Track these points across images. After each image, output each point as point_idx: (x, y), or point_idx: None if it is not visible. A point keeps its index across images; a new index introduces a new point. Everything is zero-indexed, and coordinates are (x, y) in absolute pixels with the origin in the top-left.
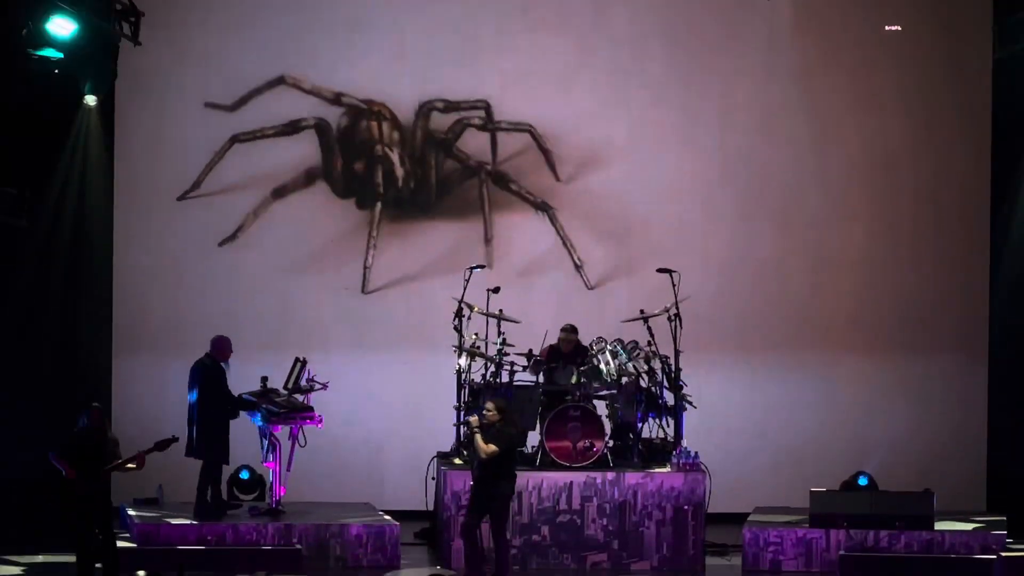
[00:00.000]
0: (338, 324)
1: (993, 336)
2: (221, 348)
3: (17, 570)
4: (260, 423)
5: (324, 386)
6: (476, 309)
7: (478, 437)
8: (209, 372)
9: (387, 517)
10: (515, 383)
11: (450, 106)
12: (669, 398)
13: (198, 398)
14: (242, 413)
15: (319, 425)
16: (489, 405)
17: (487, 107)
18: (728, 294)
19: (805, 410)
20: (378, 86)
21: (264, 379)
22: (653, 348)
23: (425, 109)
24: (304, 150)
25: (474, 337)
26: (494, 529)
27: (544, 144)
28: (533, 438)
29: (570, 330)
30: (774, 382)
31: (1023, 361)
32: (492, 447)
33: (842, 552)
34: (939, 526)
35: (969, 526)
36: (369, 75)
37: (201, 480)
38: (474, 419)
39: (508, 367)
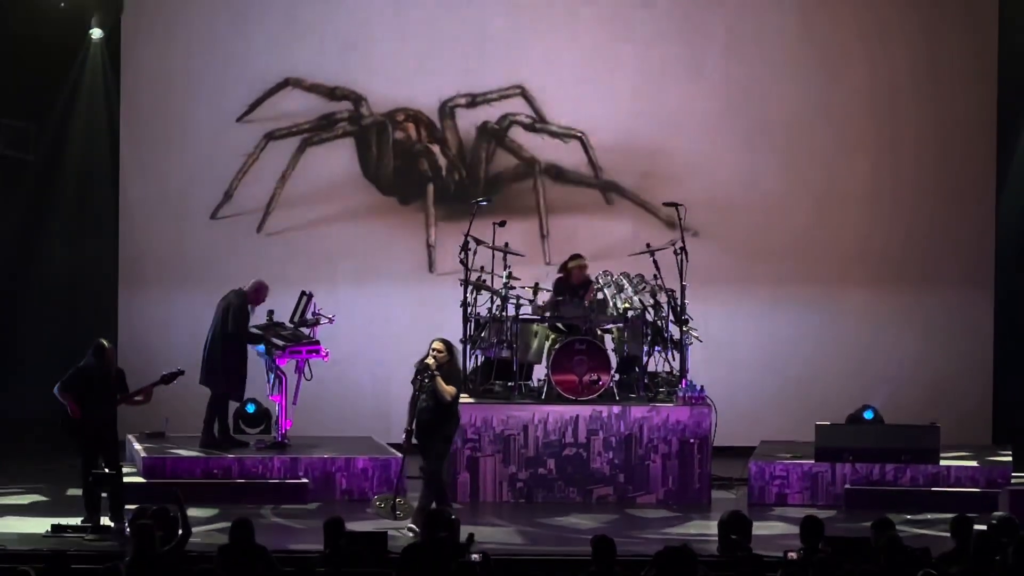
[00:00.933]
0: (344, 258)
1: (999, 268)
2: (258, 292)
3: (25, 501)
4: (266, 356)
5: (330, 319)
6: (482, 242)
7: (439, 380)
8: (236, 309)
9: (393, 450)
10: (521, 316)
11: (477, 99)
12: (675, 332)
13: (220, 331)
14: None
15: (325, 358)
16: (438, 345)
17: (522, 91)
18: (734, 228)
19: (811, 343)
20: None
21: (270, 313)
22: (659, 282)
23: (448, 106)
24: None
25: (480, 270)
26: (428, 470)
27: (593, 154)
28: (539, 371)
29: (579, 257)
30: (780, 315)
31: None
32: (453, 388)
33: (847, 485)
34: (944, 459)
35: (974, 459)
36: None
37: (208, 411)
38: (431, 361)
39: (514, 300)
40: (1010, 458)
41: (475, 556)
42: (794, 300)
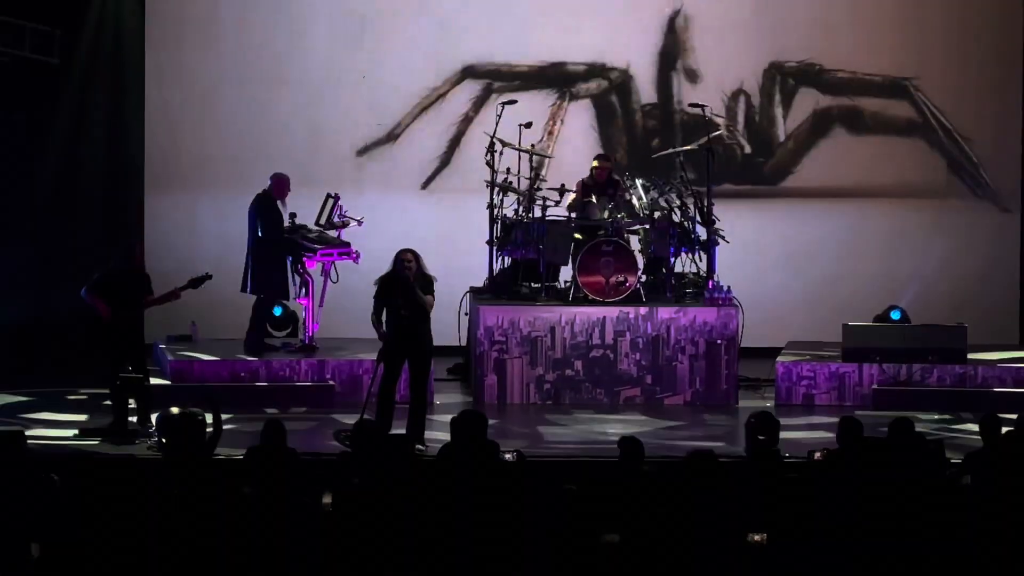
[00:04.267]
0: (370, 161)
1: None
2: (280, 186)
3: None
4: (290, 258)
5: (359, 222)
6: (508, 144)
7: (419, 291)
8: (264, 211)
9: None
10: (547, 218)
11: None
12: (702, 233)
13: (252, 234)
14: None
15: (357, 261)
16: (408, 256)
17: None
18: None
19: (838, 244)
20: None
21: (292, 215)
22: (685, 183)
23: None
24: None
25: (506, 172)
26: (422, 381)
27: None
28: (566, 273)
29: (604, 158)
30: (807, 217)
31: None
32: (431, 298)
33: (875, 386)
34: (972, 359)
35: (1002, 357)
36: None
37: (254, 315)
38: (408, 273)
39: (540, 202)
40: None
41: (508, 455)
42: (822, 202)
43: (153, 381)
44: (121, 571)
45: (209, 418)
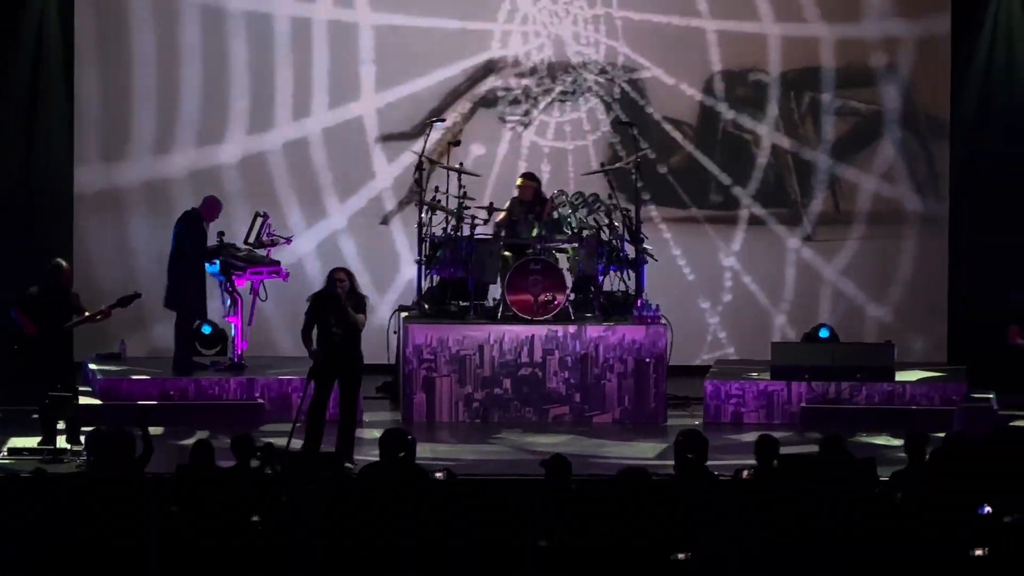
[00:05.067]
0: (297, 180)
1: (954, 186)
2: (211, 208)
3: None
4: (220, 277)
5: (288, 240)
6: (437, 163)
7: (351, 310)
8: (192, 229)
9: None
10: (476, 236)
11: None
12: (630, 251)
13: (175, 250)
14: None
15: (286, 279)
16: (341, 275)
17: None
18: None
19: (767, 259)
20: None
21: (220, 234)
22: (614, 201)
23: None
24: None
25: (435, 191)
26: (352, 399)
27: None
28: (495, 291)
29: (529, 176)
30: (737, 234)
31: (984, 213)
32: (363, 316)
33: (803, 404)
34: (900, 377)
35: (930, 375)
36: None
37: (177, 334)
38: (340, 291)
39: (469, 220)
40: (964, 376)
41: (439, 474)
42: (751, 218)
43: (82, 400)
44: None
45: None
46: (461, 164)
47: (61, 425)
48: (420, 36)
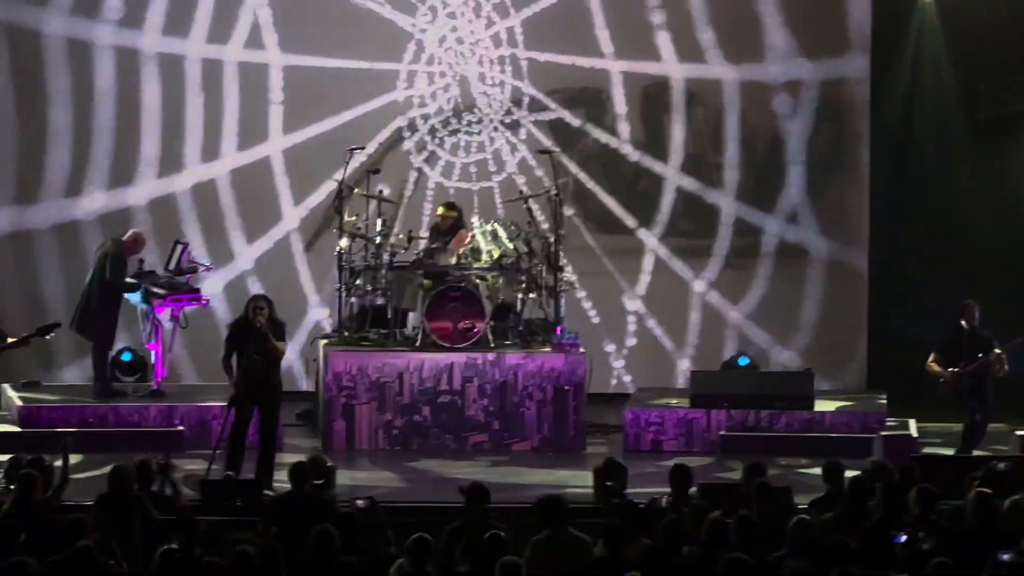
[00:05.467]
0: (205, 220)
1: (875, 215)
2: (136, 243)
3: None
4: (143, 304)
5: (208, 268)
6: (356, 191)
7: (271, 338)
8: (114, 258)
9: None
10: (395, 264)
11: None
12: (549, 279)
13: (98, 280)
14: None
15: (205, 306)
16: (260, 303)
17: None
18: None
19: (686, 290)
20: None
21: (140, 262)
22: (534, 229)
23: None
24: None
25: (354, 218)
26: (272, 426)
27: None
28: (414, 318)
29: (449, 206)
30: (657, 262)
31: (902, 241)
32: (284, 344)
33: (723, 432)
34: (819, 405)
35: (849, 404)
36: None
37: (95, 361)
38: (260, 320)
39: (388, 248)
40: (884, 403)
41: (360, 502)
42: (670, 246)
43: (1, 427)
44: None
45: (58, 463)
46: (381, 191)
47: None
48: (328, 77)
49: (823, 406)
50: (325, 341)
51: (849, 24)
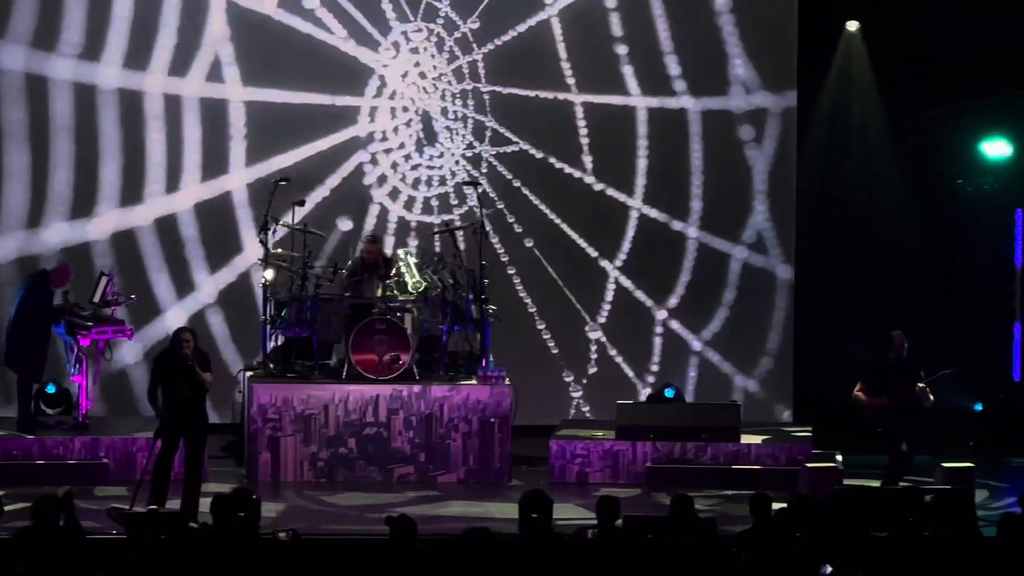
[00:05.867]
0: (167, 254)
1: (800, 248)
2: (62, 274)
3: None
4: (68, 337)
5: (131, 300)
6: (281, 222)
7: (197, 369)
8: (38, 289)
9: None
10: (320, 296)
11: None
12: (475, 311)
13: (24, 311)
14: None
15: (131, 339)
16: (186, 335)
17: None
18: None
19: (612, 319)
20: None
21: (65, 294)
22: (458, 261)
23: None
24: None
25: (279, 250)
26: (197, 458)
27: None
28: (339, 351)
29: (371, 240)
30: (580, 293)
31: (828, 276)
32: (209, 375)
33: (648, 464)
34: (745, 438)
35: (775, 437)
36: None
37: (19, 393)
38: (187, 351)
39: (313, 280)
40: (810, 436)
41: (282, 534)
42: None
43: None
44: None
45: None
46: (305, 224)
47: None
48: (290, 111)
49: (749, 438)
50: (251, 373)
51: (790, 54)
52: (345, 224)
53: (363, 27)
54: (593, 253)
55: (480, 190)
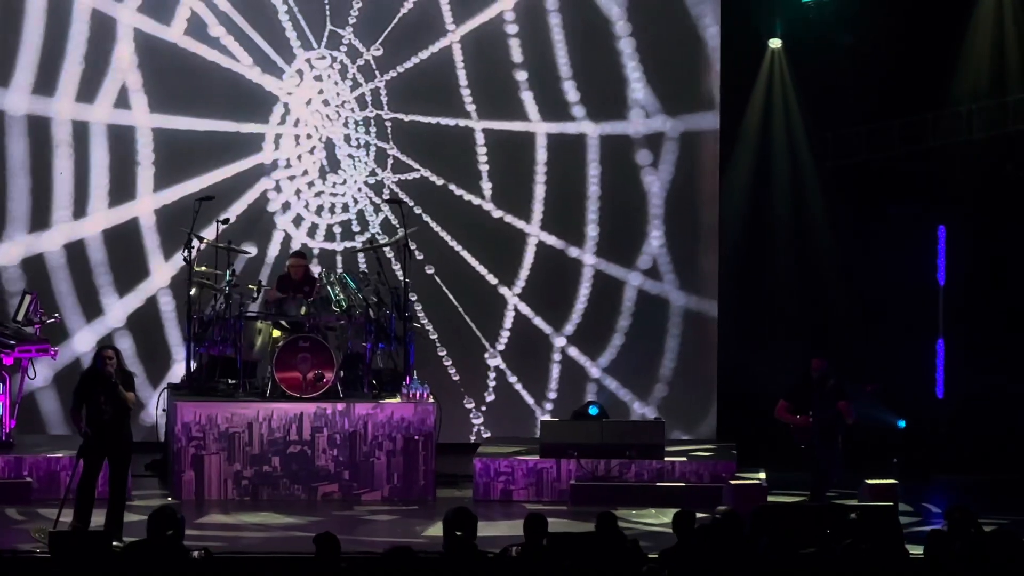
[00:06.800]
0: (75, 279)
1: (723, 267)
2: None
3: None
4: None
5: (55, 318)
6: (206, 241)
7: (121, 388)
8: None
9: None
10: (245, 314)
11: None
12: (398, 328)
13: None
14: None
15: (54, 357)
16: (109, 353)
17: None
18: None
19: (537, 338)
20: None
21: None
22: (382, 278)
23: None
24: None
25: (203, 269)
26: (121, 477)
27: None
28: (263, 369)
29: (299, 255)
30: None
31: (751, 292)
32: (132, 394)
33: (573, 481)
34: (669, 455)
35: (699, 454)
36: None
37: None
38: (110, 370)
39: (238, 298)
40: (734, 453)
41: (196, 553)
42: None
43: None
44: None
45: None
46: (230, 242)
47: None
48: (196, 138)
49: (673, 455)
50: (174, 392)
51: (702, 76)
52: (250, 249)
53: (268, 55)
54: (493, 280)
55: (404, 208)
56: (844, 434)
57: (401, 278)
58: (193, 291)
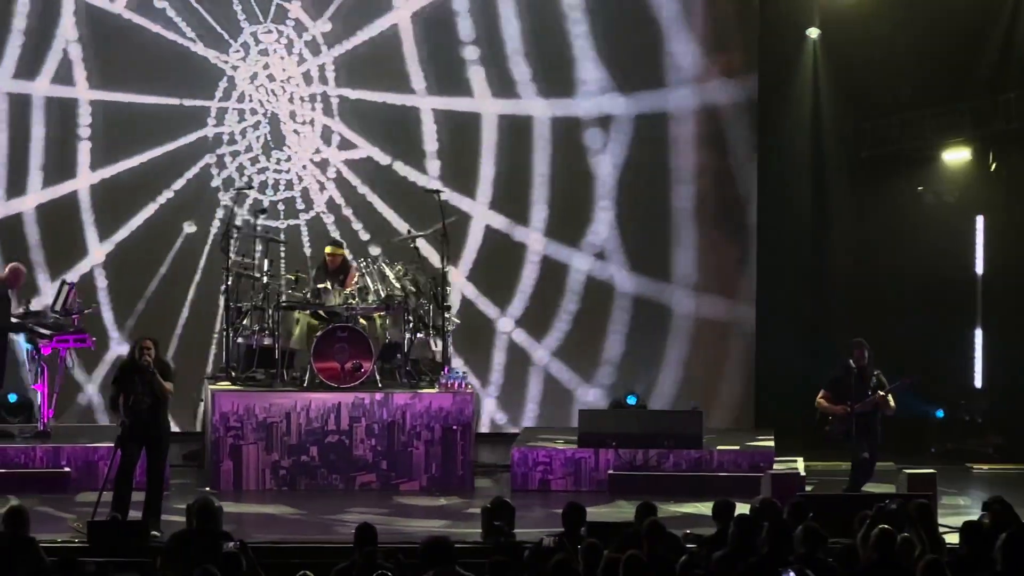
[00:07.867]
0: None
1: (761, 256)
2: (15, 276)
3: None
4: (28, 345)
5: (92, 308)
6: (243, 230)
7: (159, 377)
8: None
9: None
10: (282, 303)
11: None
12: (437, 318)
13: None
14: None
15: (92, 347)
16: (147, 343)
17: None
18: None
19: (574, 327)
20: None
21: (27, 301)
22: (420, 268)
23: None
24: None
25: (241, 258)
26: (159, 467)
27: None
28: (302, 359)
29: (336, 244)
30: (543, 301)
31: (790, 278)
32: (171, 384)
33: (611, 471)
34: (707, 444)
35: (737, 444)
36: None
37: None
38: (148, 360)
39: (275, 287)
40: (772, 442)
41: (232, 544)
42: (559, 287)
43: None
44: None
45: None
46: (269, 231)
47: None
48: (138, 112)
49: (712, 444)
50: (212, 382)
51: (671, 57)
52: (190, 227)
53: (213, 28)
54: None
55: (442, 197)
56: (883, 426)
57: (440, 267)
58: (230, 280)
